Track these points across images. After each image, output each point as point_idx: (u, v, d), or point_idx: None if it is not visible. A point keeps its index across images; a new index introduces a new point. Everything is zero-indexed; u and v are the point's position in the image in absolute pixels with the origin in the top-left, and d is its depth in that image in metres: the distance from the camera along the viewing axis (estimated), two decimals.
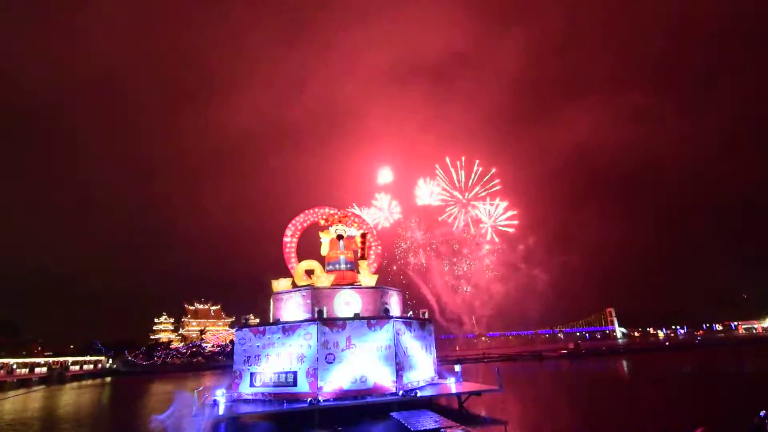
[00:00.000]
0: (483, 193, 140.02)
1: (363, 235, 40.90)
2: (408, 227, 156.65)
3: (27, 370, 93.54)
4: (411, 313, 37.86)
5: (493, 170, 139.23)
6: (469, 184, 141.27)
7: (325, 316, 31.12)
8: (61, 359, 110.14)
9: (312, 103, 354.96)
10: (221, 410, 25.23)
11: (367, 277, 37.36)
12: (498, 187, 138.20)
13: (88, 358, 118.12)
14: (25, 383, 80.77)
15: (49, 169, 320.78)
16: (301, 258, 39.29)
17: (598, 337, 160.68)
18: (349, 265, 38.55)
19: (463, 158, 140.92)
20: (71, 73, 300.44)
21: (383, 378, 29.22)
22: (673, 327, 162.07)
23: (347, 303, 33.68)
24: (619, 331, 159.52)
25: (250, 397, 30.17)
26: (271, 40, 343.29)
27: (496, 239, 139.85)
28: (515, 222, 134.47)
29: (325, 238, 39.25)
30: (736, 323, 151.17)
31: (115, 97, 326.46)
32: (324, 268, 38.05)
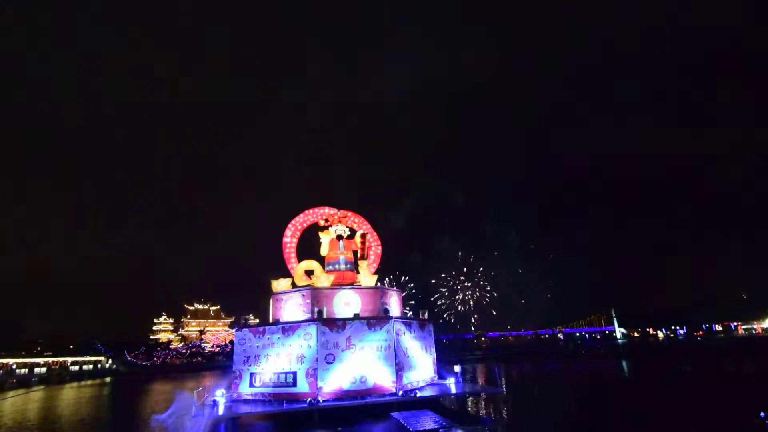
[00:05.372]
0: None
1: (363, 235, 40.89)
2: None
3: (27, 370, 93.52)
4: (410, 313, 37.84)
5: None
6: None
7: (324, 316, 31.12)
8: (61, 359, 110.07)
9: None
10: (221, 410, 25.22)
11: (366, 277, 37.34)
12: None
13: (87, 358, 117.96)
14: (24, 383, 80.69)
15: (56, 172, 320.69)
16: (301, 258, 39.27)
17: (598, 337, 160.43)
18: (348, 266, 38.54)
19: None
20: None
21: (383, 378, 29.22)
22: (673, 327, 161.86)
23: (347, 303, 33.68)
24: (619, 331, 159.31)
25: (249, 398, 30.15)
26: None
27: None
28: None
29: (325, 239, 39.23)
30: (735, 324, 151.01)
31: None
32: (324, 268, 38.05)
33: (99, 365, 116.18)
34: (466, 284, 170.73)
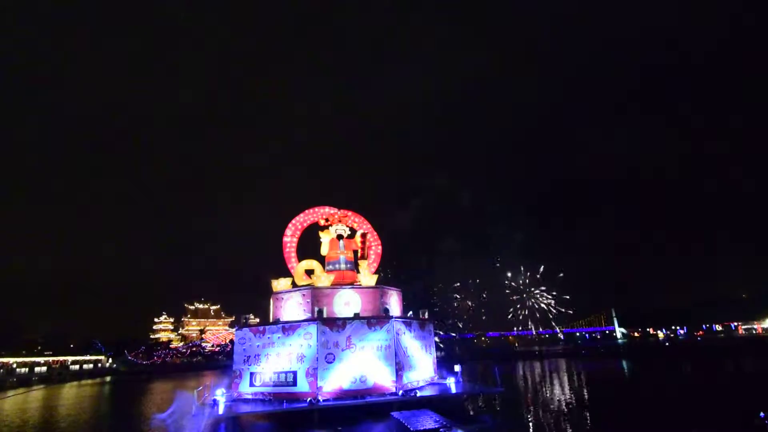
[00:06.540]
0: None
1: (363, 235, 40.93)
2: None
3: (27, 369, 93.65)
4: (411, 312, 37.87)
5: None
6: None
7: (324, 315, 31.14)
8: (61, 358, 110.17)
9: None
10: (221, 410, 25.23)
11: (367, 277, 37.36)
12: None
13: (88, 357, 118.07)
14: (25, 382, 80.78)
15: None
16: (301, 258, 39.29)
17: (598, 337, 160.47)
18: (349, 265, 38.57)
19: None
20: None
21: (383, 378, 29.24)
22: (673, 327, 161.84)
23: (347, 303, 33.71)
24: (619, 331, 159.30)
25: (249, 397, 30.20)
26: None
27: None
28: None
29: (325, 238, 39.26)
30: (735, 324, 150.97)
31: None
32: (324, 267, 38.08)
33: (99, 365, 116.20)
34: (467, 284, 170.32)
